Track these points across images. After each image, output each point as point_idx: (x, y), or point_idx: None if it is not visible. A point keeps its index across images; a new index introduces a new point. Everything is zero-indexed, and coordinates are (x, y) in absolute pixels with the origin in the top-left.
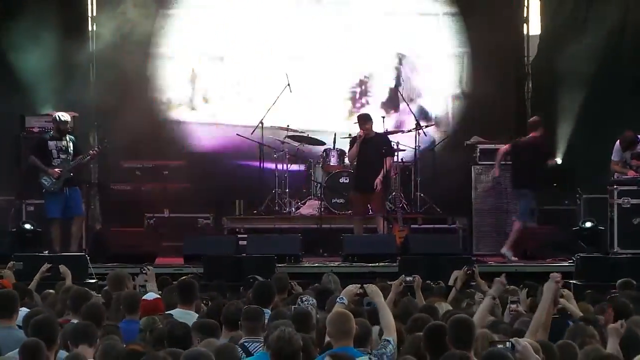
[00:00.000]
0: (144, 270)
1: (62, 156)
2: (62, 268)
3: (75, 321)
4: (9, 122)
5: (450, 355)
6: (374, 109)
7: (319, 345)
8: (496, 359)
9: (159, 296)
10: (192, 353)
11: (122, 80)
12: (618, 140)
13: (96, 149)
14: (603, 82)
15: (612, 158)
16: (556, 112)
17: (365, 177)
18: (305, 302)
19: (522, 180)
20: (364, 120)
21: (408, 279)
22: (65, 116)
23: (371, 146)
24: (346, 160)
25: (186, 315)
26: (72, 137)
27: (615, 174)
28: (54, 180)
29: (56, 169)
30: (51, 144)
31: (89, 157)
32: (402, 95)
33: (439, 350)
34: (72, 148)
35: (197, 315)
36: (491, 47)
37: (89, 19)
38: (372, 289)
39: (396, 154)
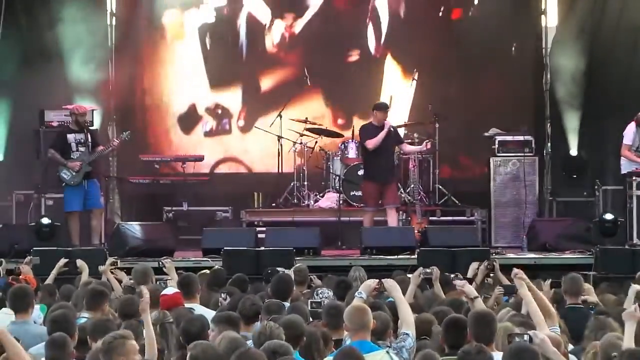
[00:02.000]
0: (162, 263)
1: (81, 149)
2: (79, 262)
3: (87, 316)
4: (29, 116)
5: (467, 349)
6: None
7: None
8: (522, 354)
9: (178, 290)
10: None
11: (140, 72)
12: (633, 122)
13: (116, 140)
14: (621, 74)
15: (624, 142)
16: (574, 103)
17: (379, 166)
18: (321, 295)
19: None
20: (386, 109)
21: (426, 270)
22: (83, 109)
23: (386, 136)
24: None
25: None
26: (92, 130)
27: (626, 159)
28: (73, 174)
29: (76, 162)
30: (70, 137)
31: (109, 149)
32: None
33: (457, 343)
34: (90, 141)
35: (201, 307)
36: (510, 39)
37: (108, 13)
38: (390, 283)
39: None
